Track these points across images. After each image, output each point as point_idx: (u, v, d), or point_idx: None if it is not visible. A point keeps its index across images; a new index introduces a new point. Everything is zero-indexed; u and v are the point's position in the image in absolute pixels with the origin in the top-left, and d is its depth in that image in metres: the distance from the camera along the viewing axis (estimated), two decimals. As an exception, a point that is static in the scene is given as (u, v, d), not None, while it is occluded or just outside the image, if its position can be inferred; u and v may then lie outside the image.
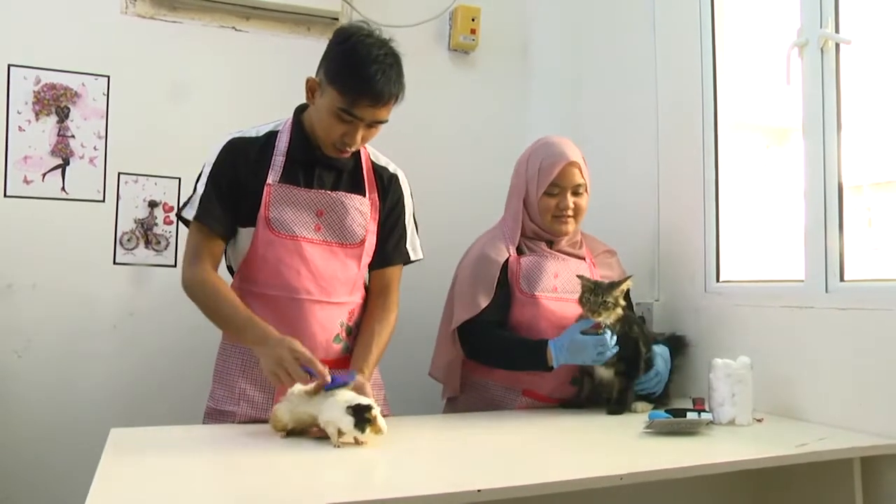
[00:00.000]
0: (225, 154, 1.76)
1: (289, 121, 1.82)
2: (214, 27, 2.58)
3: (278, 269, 1.74)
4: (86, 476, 1.22)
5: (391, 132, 2.69)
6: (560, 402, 2.02)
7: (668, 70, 2.38)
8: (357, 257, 1.82)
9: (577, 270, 2.05)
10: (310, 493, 1.23)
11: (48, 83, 2.39)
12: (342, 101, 1.64)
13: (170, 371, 2.41)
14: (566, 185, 2.03)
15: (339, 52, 1.67)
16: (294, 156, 1.78)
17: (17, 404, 2.32)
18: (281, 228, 1.74)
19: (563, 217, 2.05)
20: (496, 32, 2.95)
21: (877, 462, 1.66)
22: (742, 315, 2.06)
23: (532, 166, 2.07)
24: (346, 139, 1.71)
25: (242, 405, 1.76)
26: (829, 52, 1.86)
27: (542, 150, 2.09)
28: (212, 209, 1.73)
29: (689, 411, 1.79)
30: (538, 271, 2.03)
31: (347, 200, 1.80)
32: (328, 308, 1.78)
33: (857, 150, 1.92)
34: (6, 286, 2.34)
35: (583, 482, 1.32)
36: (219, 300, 1.70)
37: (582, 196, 2.07)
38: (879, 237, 2.49)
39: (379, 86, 1.62)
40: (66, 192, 2.40)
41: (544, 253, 2.08)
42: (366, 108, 1.65)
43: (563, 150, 2.04)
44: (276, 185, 1.75)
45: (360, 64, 1.62)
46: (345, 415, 1.44)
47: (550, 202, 2.04)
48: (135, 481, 1.24)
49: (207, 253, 1.75)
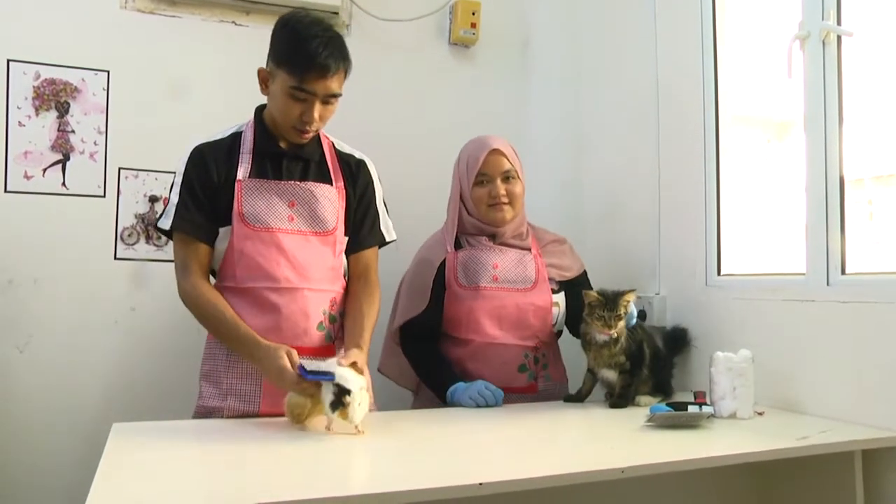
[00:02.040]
0: (194, 160, 1.80)
1: (250, 120, 1.88)
2: (214, 22, 2.58)
3: (257, 262, 1.78)
4: (88, 471, 1.22)
5: (391, 124, 2.71)
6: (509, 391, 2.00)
7: (668, 64, 2.37)
8: (331, 244, 1.86)
9: (519, 261, 2.11)
10: (310, 485, 1.23)
11: (48, 78, 2.38)
12: (292, 79, 1.70)
13: (171, 366, 2.41)
14: (494, 172, 2.10)
15: (282, 36, 1.74)
16: (260, 150, 1.83)
17: (18, 399, 2.32)
18: (256, 222, 1.78)
19: (497, 205, 2.10)
20: (497, 26, 2.94)
21: (878, 455, 1.66)
22: (743, 308, 2.06)
23: (461, 162, 2.18)
24: (304, 118, 1.75)
25: (230, 399, 1.79)
26: (831, 44, 1.85)
27: (468, 145, 2.19)
28: (190, 216, 1.77)
29: (690, 405, 1.79)
30: (475, 263, 2.09)
31: (316, 190, 1.84)
32: (309, 295, 1.81)
33: (859, 144, 1.92)
34: (7, 282, 2.34)
35: (584, 475, 1.32)
36: (215, 317, 1.73)
37: (513, 182, 2.12)
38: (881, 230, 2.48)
39: (323, 57, 1.69)
40: (66, 188, 2.40)
41: (483, 246, 2.13)
42: (316, 82, 1.70)
43: (486, 141, 2.14)
44: (247, 179, 1.79)
45: (303, 41, 1.69)
46: (329, 392, 1.49)
47: (482, 192, 2.11)
48: (137, 476, 1.24)
49: (195, 262, 1.78)
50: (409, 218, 2.21)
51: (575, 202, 2.71)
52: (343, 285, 1.92)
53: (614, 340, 1.91)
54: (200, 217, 1.77)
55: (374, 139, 2.10)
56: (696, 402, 1.81)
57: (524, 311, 2.07)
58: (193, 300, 1.76)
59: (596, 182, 2.09)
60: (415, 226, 2.21)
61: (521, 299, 2.07)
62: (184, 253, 1.79)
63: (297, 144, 1.84)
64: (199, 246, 1.78)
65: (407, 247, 2.17)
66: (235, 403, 1.78)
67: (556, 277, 2.15)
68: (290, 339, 1.75)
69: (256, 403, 1.78)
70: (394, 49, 2.82)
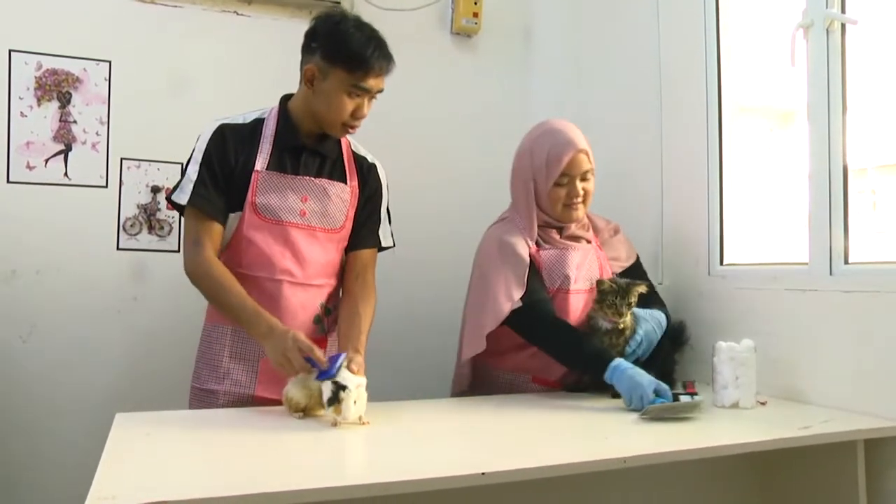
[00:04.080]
0: (216, 139, 1.81)
1: (274, 109, 1.88)
2: (216, 12, 2.57)
3: (263, 252, 1.80)
4: (91, 460, 1.23)
5: (393, 114, 2.70)
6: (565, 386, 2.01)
7: (671, 53, 2.36)
8: (337, 242, 1.90)
9: (590, 259, 2.06)
10: (311, 473, 1.24)
11: (50, 69, 2.38)
12: (353, 77, 1.76)
13: (174, 355, 2.41)
14: (575, 173, 1.99)
15: (336, 36, 1.77)
16: (280, 143, 1.84)
17: (21, 389, 2.32)
18: (267, 213, 1.81)
19: (573, 204, 2.01)
20: (499, 16, 2.93)
21: (880, 444, 1.66)
22: (746, 298, 2.06)
23: (538, 156, 2.01)
24: (357, 113, 1.81)
25: (226, 383, 1.82)
26: (835, 32, 1.84)
27: (547, 138, 2.01)
28: (207, 194, 1.78)
29: (681, 395, 1.73)
30: (560, 264, 2.01)
31: (330, 188, 1.87)
32: (309, 290, 1.85)
33: (862, 133, 1.91)
34: (10, 272, 2.34)
35: (586, 465, 1.32)
36: (225, 291, 1.74)
37: (590, 181, 2.03)
38: (884, 220, 2.48)
39: (380, 58, 1.78)
40: (68, 178, 2.40)
41: (559, 244, 2.05)
42: (373, 80, 1.79)
43: (571, 139, 1.98)
44: (264, 171, 1.81)
45: (362, 43, 1.76)
46: (329, 388, 1.50)
47: (561, 192, 2.00)
48: (141, 465, 1.25)
49: (208, 238, 1.78)
50: (410, 207, 2.21)
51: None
52: (337, 278, 1.94)
53: (620, 330, 1.90)
54: (217, 197, 1.79)
55: (375, 129, 2.09)
56: (686, 391, 1.78)
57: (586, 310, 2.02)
58: (205, 271, 1.75)
59: (598, 172, 2.07)
60: (416, 215, 2.21)
61: (587, 298, 2.02)
62: (197, 229, 1.79)
63: (318, 140, 1.87)
64: (214, 224, 1.79)
65: (407, 236, 2.16)
66: (231, 387, 1.82)
67: (616, 270, 2.11)
68: None
69: (252, 387, 1.82)
70: (395, 39, 2.75)
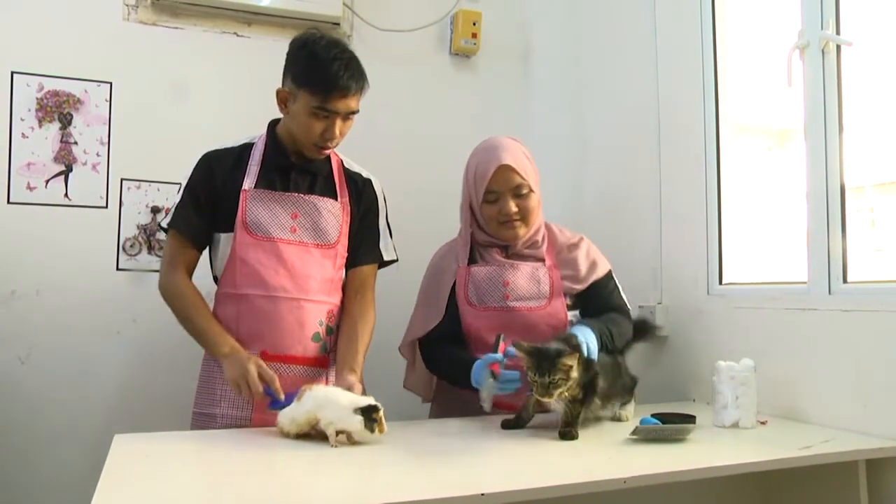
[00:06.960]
0: (201, 165, 1.87)
1: (263, 134, 1.92)
2: (216, 33, 2.59)
3: (256, 270, 1.82)
4: (90, 481, 1.22)
5: (392, 135, 2.71)
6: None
7: (669, 73, 2.37)
8: (332, 258, 1.90)
9: (532, 275, 1.96)
10: (312, 496, 1.23)
11: (51, 90, 2.39)
12: (316, 99, 1.76)
13: (173, 376, 2.40)
14: (503, 189, 1.91)
15: (302, 58, 1.79)
16: (269, 163, 1.88)
17: (20, 410, 2.32)
18: (258, 231, 1.83)
19: (509, 222, 1.93)
20: (498, 37, 2.95)
21: (882, 464, 1.65)
22: (745, 317, 2.06)
23: (469, 174, 1.99)
24: (326, 134, 1.81)
25: (224, 406, 1.83)
26: (831, 53, 1.86)
27: (477, 154, 1.99)
28: (187, 217, 1.85)
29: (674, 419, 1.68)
30: (486, 282, 1.96)
31: (321, 203, 1.89)
32: (306, 306, 1.86)
33: (859, 151, 1.92)
34: (10, 292, 2.34)
35: (586, 486, 1.31)
36: (194, 311, 1.82)
37: (527, 197, 1.93)
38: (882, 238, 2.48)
39: (345, 79, 1.76)
40: (69, 199, 2.40)
41: (495, 261, 1.98)
42: (338, 101, 1.77)
43: (496, 154, 1.92)
44: (252, 189, 1.85)
45: (325, 64, 1.75)
46: (352, 416, 1.48)
47: (492, 209, 1.94)
48: (140, 487, 1.24)
49: (182, 260, 1.86)
50: (411, 227, 2.21)
51: (576, 212, 2.70)
52: (341, 298, 1.95)
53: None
54: (196, 218, 1.85)
55: (375, 149, 2.10)
56: (497, 351, 1.72)
57: (533, 329, 1.90)
58: (173, 291, 1.83)
59: (597, 191, 2.08)
60: (416, 235, 2.21)
61: (532, 317, 1.92)
62: (173, 250, 1.87)
63: (306, 159, 1.89)
64: (190, 247, 1.87)
65: (408, 257, 2.15)
66: (228, 410, 1.83)
67: (569, 291, 1.97)
68: (285, 349, 1.82)
69: (248, 410, 1.82)
70: (395, 59, 2.83)
